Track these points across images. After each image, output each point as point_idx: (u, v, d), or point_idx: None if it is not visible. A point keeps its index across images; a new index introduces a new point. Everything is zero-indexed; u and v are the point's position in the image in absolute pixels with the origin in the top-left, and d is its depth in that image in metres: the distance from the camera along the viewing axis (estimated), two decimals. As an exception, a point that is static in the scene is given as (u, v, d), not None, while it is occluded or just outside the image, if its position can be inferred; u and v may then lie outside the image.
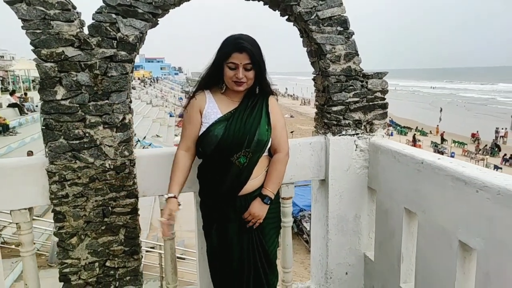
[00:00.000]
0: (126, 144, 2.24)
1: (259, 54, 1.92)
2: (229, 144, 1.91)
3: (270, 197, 2.01)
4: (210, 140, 1.93)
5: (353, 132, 2.57)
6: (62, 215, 2.21)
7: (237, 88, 1.92)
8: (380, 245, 2.53)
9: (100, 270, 2.30)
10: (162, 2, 2.18)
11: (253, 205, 1.99)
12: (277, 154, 2.05)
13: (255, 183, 2.00)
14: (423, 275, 2.11)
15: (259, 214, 1.99)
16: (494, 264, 1.62)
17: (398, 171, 2.28)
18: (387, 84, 2.58)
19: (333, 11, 2.40)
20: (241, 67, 1.88)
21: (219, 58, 1.92)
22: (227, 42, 1.92)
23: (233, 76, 1.89)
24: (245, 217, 1.99)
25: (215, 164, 1.98)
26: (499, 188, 1.57)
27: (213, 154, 1.95)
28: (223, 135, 1.91)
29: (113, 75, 2.15)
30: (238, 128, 1.93)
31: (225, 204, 2.00)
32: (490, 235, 1.63)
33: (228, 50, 1.89)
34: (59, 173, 2.16)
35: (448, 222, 1.87)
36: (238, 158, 1.93)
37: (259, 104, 2.01)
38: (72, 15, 2.08)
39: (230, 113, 1.97)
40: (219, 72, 1.94)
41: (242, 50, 1.87)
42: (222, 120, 1.95)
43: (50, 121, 2.12)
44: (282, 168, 2.07)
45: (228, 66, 1.89)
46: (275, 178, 2.03)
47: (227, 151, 1.92)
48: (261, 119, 1.98)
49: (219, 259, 2.10)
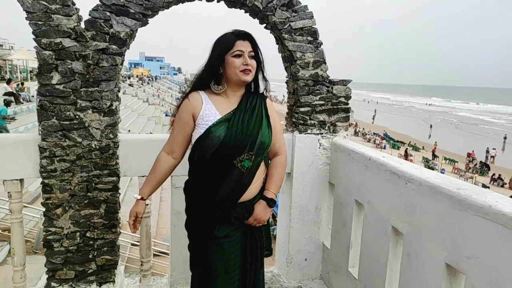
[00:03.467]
0: (111, 128, 2.51)
1: (258, 44, 1.90)
2: (232, 146, 1.79)
3: (274, 200, 1.93)
4: (210, 141, 1.80)
5: (318, 131, 2.87)
6: (50, 188, 2.47)
7: (245, 77, 1.83)
8: (335, 234, 2.81)
9: (80, 240, 2.56)
10: (151, 4, 2.47)
11: (258, 209, 1.89)
12: (278, 157, 2.00)
13: (254, 190, 1.90)
14: (365, 259, 2.40)
15: (264, 218, 1.91)
16: (414, 245, 1.91)
17: (351, 167, 2.57)
18: (350, 91, 2.88)
19: (304, 23, 2.70)
20: (247, 54, 1.83)
21: (221, 52, 1.84)
22: (225, 36, 1.87)
23: (241, 64, 1.82)
24: (249, 222, 1.88)
25: (215, 169, 1.82)
26: (420, 180, 1.86)
27: (214, 157, 1.80)
28: (225, 136, 1.79)
29: (104, 65, 2.43)
30: (240, 129, 1.82)
31: (223, 213, 1.85)
32: (412, 220, 1.92)
33: (231, 39, 1.84)
34: (50, 149, 2.43)
35: (385, 211, 2.16)
36: (241, 161, 1.81)
37: (258, 106, 1.93)
38: (71, 11, 2.36)
39: (230, 113, 1.86)
40: (218, 69, 1.87)
41: (244, 37, 1.84)
42: (223, 121, 1.83)
43: (45, 102, 2.39)
44: (283, 171, 2.02)
45: (233, 55, 1.82)
46: (278, 181, 1.96)
47: (230, 153, 1.80)
48: (263, 122, 1.91)
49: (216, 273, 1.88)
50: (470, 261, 1.54)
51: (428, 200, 1.81)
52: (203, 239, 1.89)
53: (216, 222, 1.85)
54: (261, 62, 1.90)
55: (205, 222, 1.88)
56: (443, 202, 1.69)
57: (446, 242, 1.67)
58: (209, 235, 1.85)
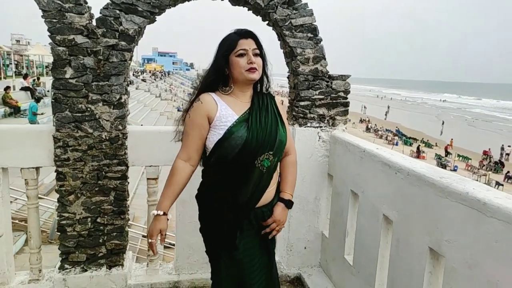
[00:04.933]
0: (120, 120, 2.66)
1: (261, 41, 1.87)
2: (254, 146, 1.75)
3: (292, 201, 1.94)
4: (233, 143, 1.74)
5: (317, 125, 2.98)
6: (63, 175, 2.64)
7: (251, 76, 1.79)
8: (333, 223, 2.93)
9: (91, 225, 2.73)
10: (158, 3, 2.61)
11: (277, 211, 1.88)
12: (289, 156, 1.99)
13: (271, 194, 1.89)
14: (359, 247, 2.51)
15: (284, 220, 1.91)
16: (402, 232, 2.01)
17: (348, 159, 2.68)
18: (349, 85, 2.98)
19: (305, 20, 2.81)
20: (251, 52, 1.80)
21: (225, 53, 1.82)
22: (228, 36, 1.86)
23: (246, 63, 1.78)
24: (268, 223, 1.87)
25: (235, 170, 1.78)
26: (408, 170, 1.97)
27: (236, 158, 1.75)
28: (247, 136, 1.74)
29: (114, 61, 2.58)
30: (259, 129, 1.78)
31: (243, 217, 1.82)
32: (401, 208, 2.03)
33: (234, 39, 1.81)
34: (63, 139, 2.60)
35: (377, 200, 2.27)
36: (261, 161, 1.78)
37: (270, 105, 1.91)
38: (84, 9, 2.52)
39: (246, 113, 1.82)
40: (223, 71, 1.84)
41: (247, 35, 1.82)
42: (241, 121, 1.78)
43: (58, 95, 2.55)
44: (296, 170, 2.02)
45: (237, 55, 1.79)
46: (292, 182, 1.97)
47: (253, 154, 1.76)
48: (278, 120, 1.89)
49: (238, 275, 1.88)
50: (450, 244, 1.64)
51: (414, 188, 1.91)
52: (223, 248, 1.84)
53: (235, 228, 1.81)
54: (265, 59, 1.87)
55: (223, 228, 1.81)
56: (428, 190, 1.79)
57: (429, 227, 1.78)
58: (230, 244, 1.81)
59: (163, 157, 2.73)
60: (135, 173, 2.73)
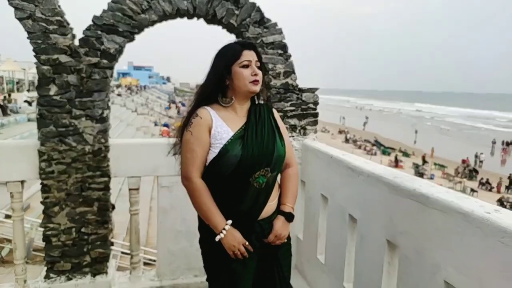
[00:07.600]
0: (103, 133, 2.82)
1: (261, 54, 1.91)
2: (250, 164, 1.76)
3: (293, 214, 1.93)
4: (229, 161, 1.75)
5: (290, 134, 3.19)
6: (48, 188, 2.76)
7: (254, 88, 1.79)
8: (306, 226, 3.13)
9: (76, 235, 2.85)
10: (138, 24, 2.80)
11: (277, 224, 1.87)
12: (290, 168, 1.99)
13: (273, 206, 1.89)
14: (329, 246, 2.71)
15: (285, 233, 1.89)
16: (365, 228, 2.23)
17: (318, 165, 2.89)
18: (318, 97, 3.22)
19: (275, 38, 3.04)
20: (254, 64, 1.79)
21: (228, 62, 1.79)
22: (230, 46, 1.84)
23: (250, 75, 1.78)
24: (270, 240, 1.86)
25: (231, 187, 1.79)
26: (368, 172, 2.19)
27: (232, 175, 1.77)
28: (242, 154, 1.75)
29: (96, 78, 2.75)
30: (255, 145, 1.78)
31: (243, 231, 1.79)
32: (364, 207, 2.25)
33: (237, 49, 1.80)
34: (48, 153, 2.73)
35: (344, 201, 2.49)
36: (256, 178, 1.78)
37: (267, 118, 1.90)
38: (67, 30, 2.68)
39: (242, 129, 1.82)
40: (224, 81, 1.81)
41: (250, 47, 1.82)
42: (236, 138, 1.78)
43: (43, 111, 2.69)
44: (298, 182, 2.01)
45: (241, 66, 1.78)
46: (293, 194, 1.96)
47: (248, 171, 1.77)
48: (276, 134, 1.88)
49: None
50: (402, 235, 1.86)
51: (373, 188, 2.13)
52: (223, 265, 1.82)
53: (250, 231, 1.81)
54: (266, 72, 1.99)
55: None
56: (384, 189, 2.01)
57: (386, 222, 2.00)
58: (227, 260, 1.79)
59: (144, 168, 2.89)
60: (112, 190, 2.82)
